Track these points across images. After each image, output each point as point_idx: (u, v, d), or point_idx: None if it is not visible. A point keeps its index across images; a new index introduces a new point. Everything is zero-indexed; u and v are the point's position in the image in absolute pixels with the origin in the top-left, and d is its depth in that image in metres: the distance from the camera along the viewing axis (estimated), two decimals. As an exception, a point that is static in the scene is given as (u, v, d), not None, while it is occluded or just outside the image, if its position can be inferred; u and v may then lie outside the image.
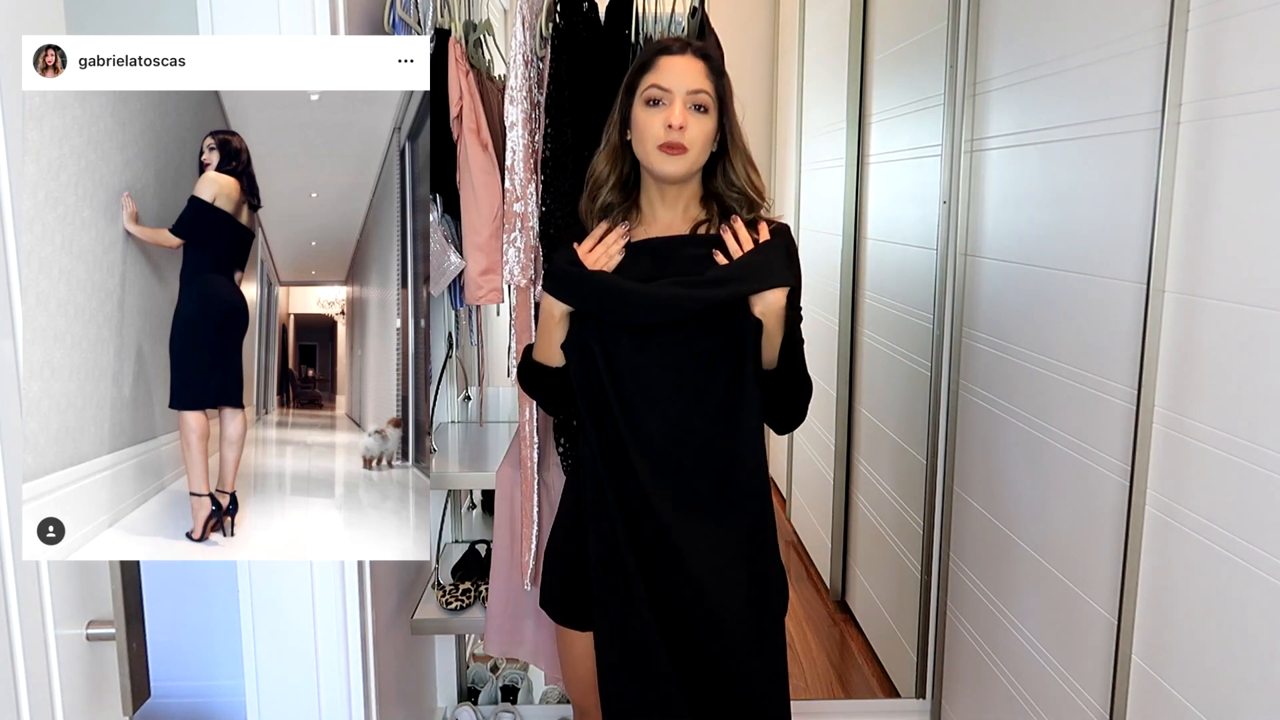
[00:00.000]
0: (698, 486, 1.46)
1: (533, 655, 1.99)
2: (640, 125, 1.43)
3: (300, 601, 1.50)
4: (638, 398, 1.44)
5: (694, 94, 1.41)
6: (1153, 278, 1.43)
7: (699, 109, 1.42)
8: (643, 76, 1.43)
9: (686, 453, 1.45)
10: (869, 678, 2.78)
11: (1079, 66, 1.67)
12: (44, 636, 0.90)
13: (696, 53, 1.43)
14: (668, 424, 1.44)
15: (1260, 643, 1.24)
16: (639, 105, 1.43)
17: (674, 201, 1.50)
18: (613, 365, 1.44)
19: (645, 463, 1.44)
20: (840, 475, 3.18)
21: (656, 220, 1.51)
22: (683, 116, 1.39)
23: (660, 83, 1.41)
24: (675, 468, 1.45)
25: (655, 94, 1.41)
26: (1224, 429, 1.30)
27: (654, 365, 1.43)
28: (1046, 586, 1.81)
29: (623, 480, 1.45)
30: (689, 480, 1.45)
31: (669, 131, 1.40)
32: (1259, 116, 1.23)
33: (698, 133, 1.41)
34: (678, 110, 1.39)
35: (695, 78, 1.41)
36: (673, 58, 1.42)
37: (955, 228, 2.20)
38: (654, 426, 1.44)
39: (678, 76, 1.41)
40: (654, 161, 1.43)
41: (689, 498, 1.45)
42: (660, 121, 1.41)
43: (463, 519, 2.60)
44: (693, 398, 1.44)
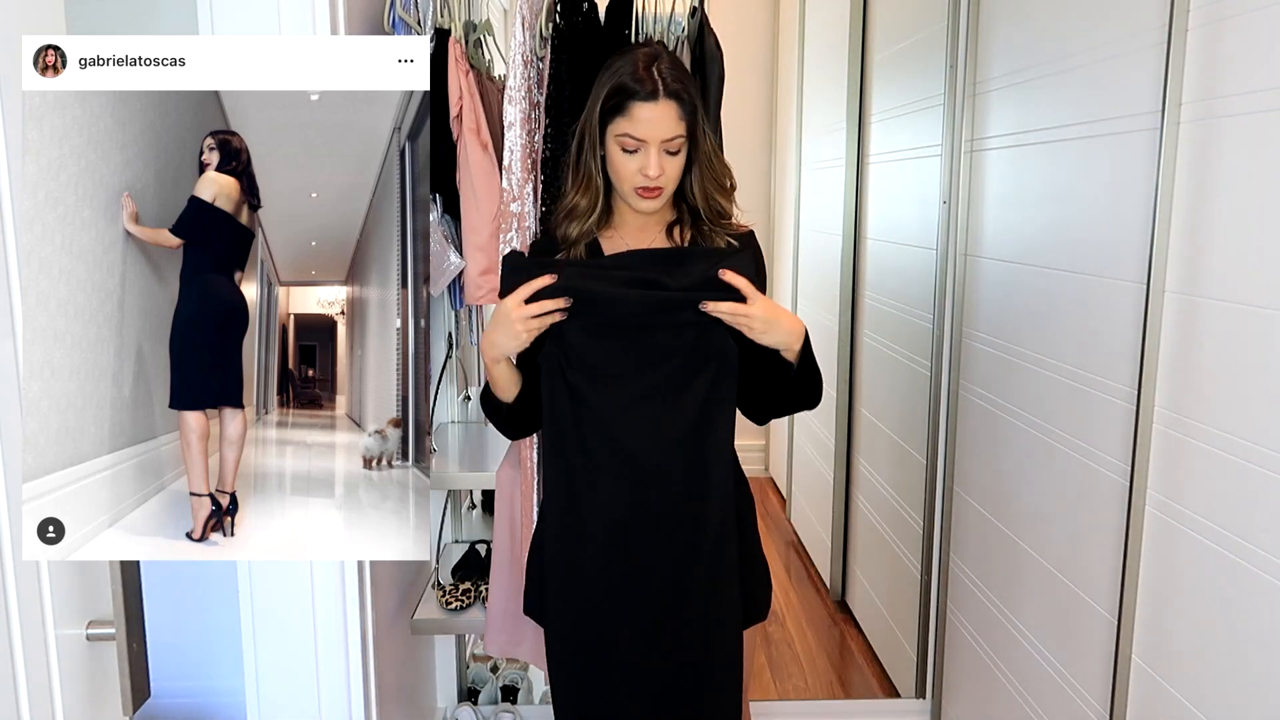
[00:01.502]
0: (664, 506, 1.43)
1: (533, 655, 1.99)
2: (616, 165, 1.43)
3: (300, 601, 1.49)
4: (610, 422, 1.41)
5: (667, 141, 1.41)
6: (1153, 278, 1.43)
7: (672, 152, 1.43)
8: (615, 119, 1.41)
9: (656, 474, 1.42)
10: (869, 678, 2.78)
11: (1079, 66, 1.67)
12: (44, 636, 0.90)
13: (669, 94, 1.40)
14: (641, 444, 1.42)
15: (1260, 643, 1.24)
16: (613, 146, 1.43)
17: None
18: (581, 393, 1.41)
19: (617, 485, 1.42)
20: (840, 475, 3.18)
21: (628, 225, 1.53)
22: (659, 166, 1.41)
23: (634, 133, 1.40)
24: (644, 487, 1.42)
25: (629, 143, 1.41)
26: (1224, 429, 1.30)
27: (628, 378, 1.41)
28: (1046, 586, 1.81)
29: (591, 498, 1.44)
30: (657, 500, 1.43)
31: (646, 178, 1.41)
32: (1259, 116, 1.23)
33: (673, 172, 1.44)
34: (654, 161, 1.40)
35: (669, 125, 1.40)
36: (645, 105, 1.39)
37: (955, 228, 2.20)
38: (628, 446, 1.42)
39: (653, 128, 1.39)
40: (631, 200, 1.46)
41: (655, 515, 1.43)
42: (636, 169, 1.41)
43: (463, 519, 2.60)
44: (665, 421, 1.41)
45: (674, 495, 1.42)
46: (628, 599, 1.44)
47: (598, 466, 1.42)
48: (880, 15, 2.84)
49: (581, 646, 1.48)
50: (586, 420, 1.41)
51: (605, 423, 1.41)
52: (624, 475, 1.41)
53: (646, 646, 1.45)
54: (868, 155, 2.95)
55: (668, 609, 1.44)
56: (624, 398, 1.40)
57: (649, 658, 1.45)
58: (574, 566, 1.46)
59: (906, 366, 2.55)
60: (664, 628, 1.45)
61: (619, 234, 1.53)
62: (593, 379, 1.40)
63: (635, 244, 1.52)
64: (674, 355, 1.39)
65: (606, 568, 1.44)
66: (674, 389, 1.40)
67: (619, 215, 1.53)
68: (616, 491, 1.42)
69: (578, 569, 1.46)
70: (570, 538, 1.45)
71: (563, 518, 1.46)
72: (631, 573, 1.43)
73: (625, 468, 1.41)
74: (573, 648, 1.50)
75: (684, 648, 1.46)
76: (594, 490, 1.42)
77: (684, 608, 1.45)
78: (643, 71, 1.41)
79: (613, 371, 1.40)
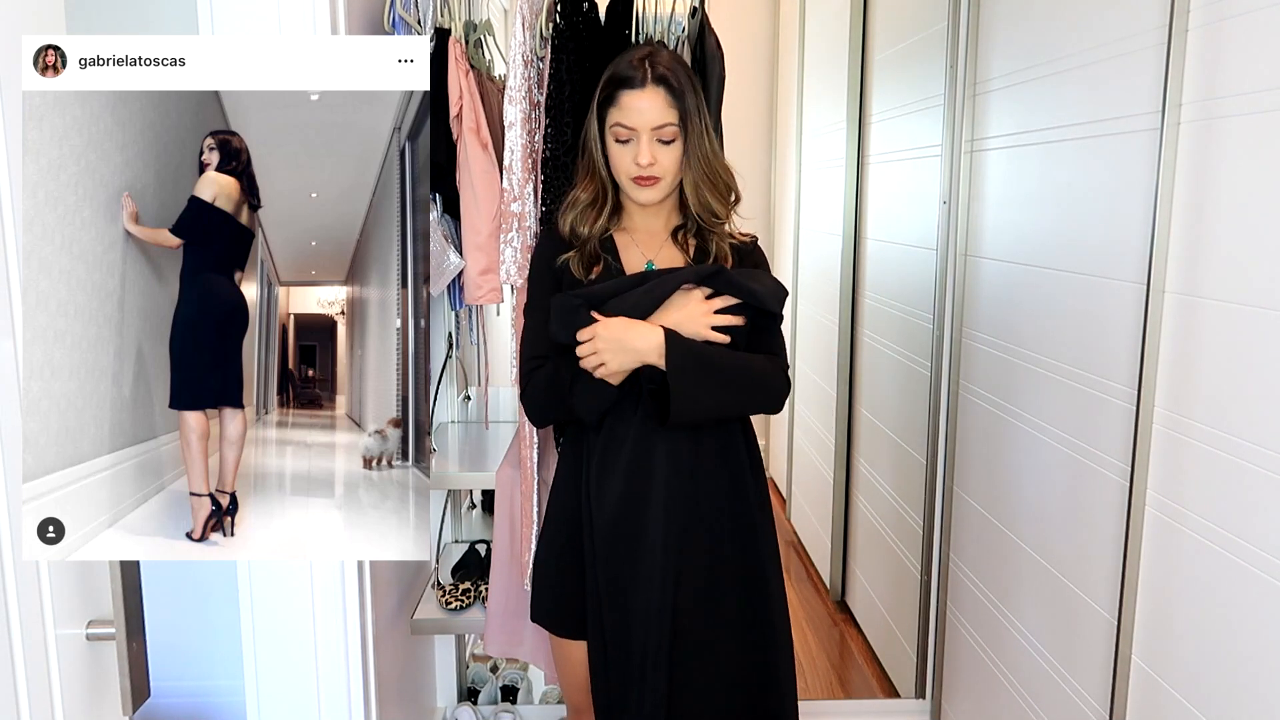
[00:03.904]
0: (702, 516, 1.51)
1: (532, 655, 1.99)
2: (613, 158, 1.49)
3: (300, 601, 1.49)
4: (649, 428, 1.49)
5: (658, 129, 1.44)
6: (1153, 278, 1.43)
7: (665, 141, 1.46)
8: (608, 111, 1.47)
9: (692, 482, 1.51)
10: (869, 678, 2.78)
11: (1079, 66, 1.67)
12: (44, 636, 0.90)
13: (656, 80, 1.44)
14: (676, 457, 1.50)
15: (1260, 643, 1.24)
16: (610, 138, 1.48)
17: (655, 212, 1.56)
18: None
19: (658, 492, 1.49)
20: (840, 475, 3.18)
21: (638, 228, 1.57)
22: (650, 153, 1.44)
23: (624, 121, 1.45)
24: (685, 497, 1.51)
25: (621, 133, 1.46)
26: (1224, 429, 1.30)
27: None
28: (1046, 586, 1.81)
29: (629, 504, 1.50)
30: (696, 512, 1.51)
31: (639, 167, 1.45)
32: (1259, 116, 1.23)
33: (668, 161, 1.47)
34: (644, 149, 1.44)
35: (657, 112, 1.44)
36: (633, 93, 1.44)
37: (955, 228, 2.20)
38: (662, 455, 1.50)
39: (640, 115, 1.44)
40: (630, 191, 1.50)
41: (693, 528, 1.51)
42: (630, 157, 1.46)
43: (463, 519, 2.60)
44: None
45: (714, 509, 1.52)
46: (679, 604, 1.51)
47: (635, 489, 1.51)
48: (880, 15, 2.84)
49: (623, 659, 1.53)
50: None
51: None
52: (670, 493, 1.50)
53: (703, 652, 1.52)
54: (868, 155, 2.95)
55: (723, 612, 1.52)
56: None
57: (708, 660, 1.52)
58: (620, 580, 1.51)
59: (906, 366, 2.55)
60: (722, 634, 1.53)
61: (629, 234, 1.58)
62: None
63: (645, 247, 1.56)
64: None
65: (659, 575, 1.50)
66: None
67: (627, 213, 1.57)
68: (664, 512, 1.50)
69: (623, 583, 1.51)
70: (622, 551, 1.51)
71: (616, 528, 1.50)
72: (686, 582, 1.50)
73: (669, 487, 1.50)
74: (614, 662, 1.54)
75: (746, 651, 1.54)
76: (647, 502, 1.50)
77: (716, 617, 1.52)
78: (635, 63, 1.46)
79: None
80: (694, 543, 1.50)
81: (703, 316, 1.44)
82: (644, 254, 1.56)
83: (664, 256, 1.56)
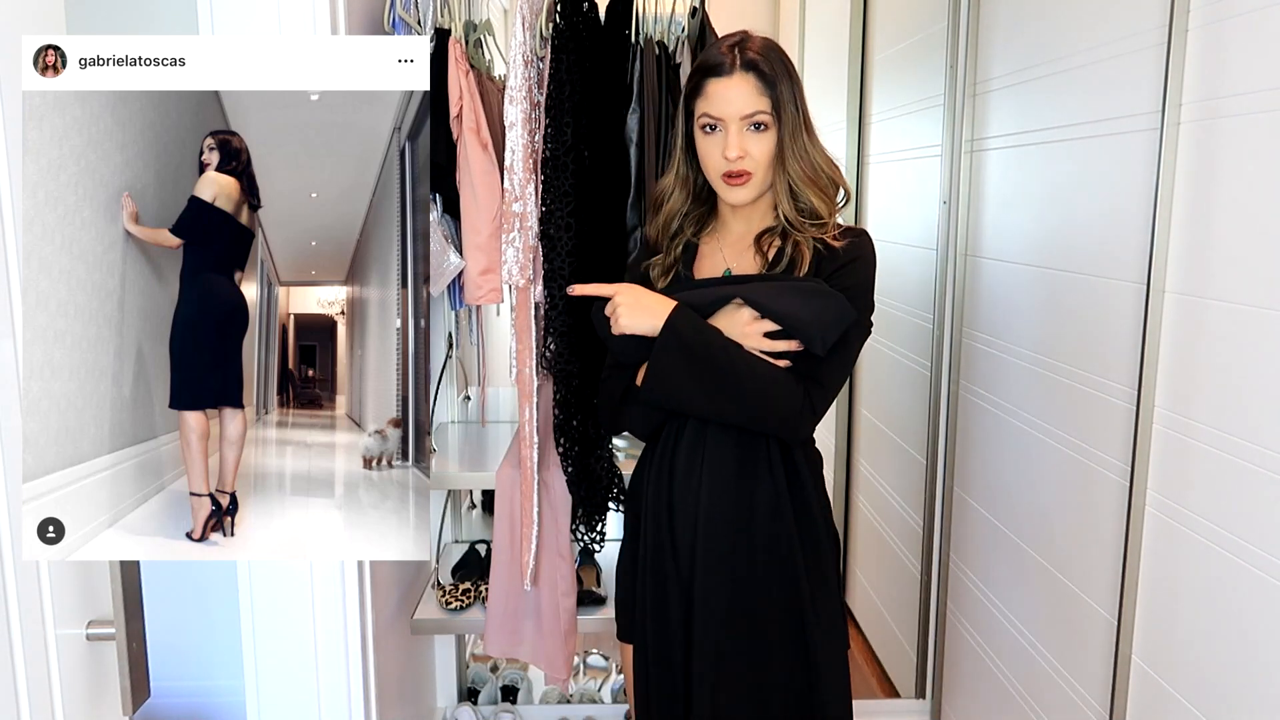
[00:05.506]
0: (742, 532, 1.46)
1: (532, 655, 1.99)
2: (701, 153, 1.39)
3: (300, 601, 1.49)
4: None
5: (748, 117, 1.34)
6: (1153, 278, 1.43)
7: (758, 127, 1.35)
8: (695, 102, 1.37)
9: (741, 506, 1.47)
10: (869, 678, 2.78)
11: (1079, 66, 1.67)
12: (44, 636, 0.90)
13: (745, 67, 1.33)
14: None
15: (1260, 643, 1.24)
16: (698, 131, 1.38)
17: (747, 215, 1.46)
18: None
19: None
20: (840, 475, 3.18)
21: (730, 231, 1.49)
22: (739, 145, 1.34)
23: (711, 111, 1.34)
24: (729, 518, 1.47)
25: (709, 122, 1.36)
26: (1224, 429, 1.30)
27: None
28: (1046, 586, 1.81)
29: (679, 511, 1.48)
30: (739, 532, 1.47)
31: (728, 161, 1.35)
32: (1259, 116, 1.23)
33: (760, 153, 1.35)
34: (733, 140, 1.33)
35: (746, 99, 1.33)
36: (720, 81, 1.34)
37: (955, 228, 2.20)
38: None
39: (728, 103, 1.33)
40: (720, 190, 1.40)
41: (735, 544, 1.47)
42: (718, 151, 1.35)
43: (463, 519, 2.60)
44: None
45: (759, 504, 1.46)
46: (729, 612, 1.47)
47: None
48: (880, 15, 2.84)
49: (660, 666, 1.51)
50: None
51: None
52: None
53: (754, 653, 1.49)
54: (868, 155, 2.95)
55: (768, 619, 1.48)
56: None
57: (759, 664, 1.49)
58: (663, 588, 1.49)
59: (906, 366, 2.55)
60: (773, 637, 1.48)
61: (718, 240, 1.50)
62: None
63: (731, 252, 1.48)
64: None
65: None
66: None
67: (721, 219, 1.50)
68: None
69: (665, 592, 1.49)
70: (663, 562, 1.49)
71: (658, 538, 1.49)
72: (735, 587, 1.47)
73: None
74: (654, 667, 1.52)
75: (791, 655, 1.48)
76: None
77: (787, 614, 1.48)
78: (723, 50, 1.36)
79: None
80: (732, 559, 1.45)
81: (752, 336, 1.36)
82: (727, 260, 1.47)
83: (744, 263, 1.46)
